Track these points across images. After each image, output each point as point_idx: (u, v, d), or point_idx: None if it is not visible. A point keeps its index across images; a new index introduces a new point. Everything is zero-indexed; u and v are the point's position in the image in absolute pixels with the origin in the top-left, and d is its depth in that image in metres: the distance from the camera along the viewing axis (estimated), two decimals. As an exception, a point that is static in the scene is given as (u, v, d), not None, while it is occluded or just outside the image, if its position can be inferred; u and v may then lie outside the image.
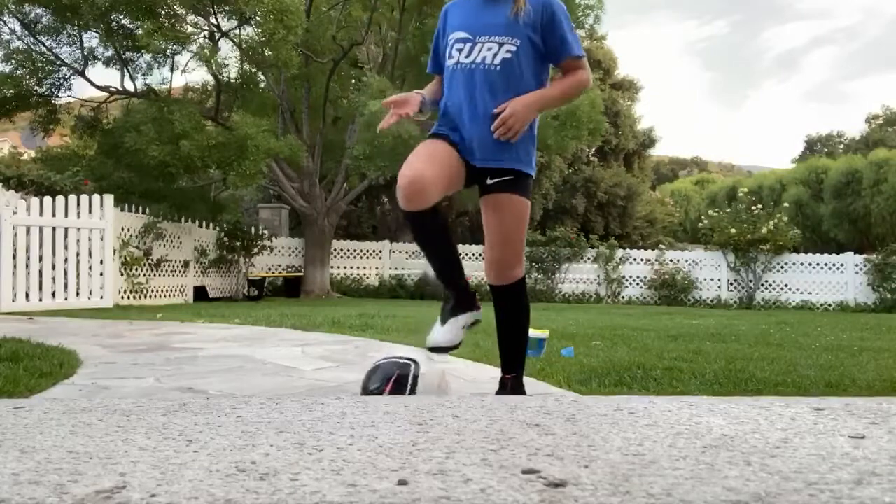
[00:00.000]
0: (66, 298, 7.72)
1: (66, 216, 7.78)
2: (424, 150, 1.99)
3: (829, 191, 21.46)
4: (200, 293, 10.93)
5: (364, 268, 14.32)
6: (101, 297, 8.17)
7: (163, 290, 9.99)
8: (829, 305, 13.32)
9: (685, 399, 1.91)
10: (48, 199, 7.64)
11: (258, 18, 10.35)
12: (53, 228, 7.61)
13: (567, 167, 21.27)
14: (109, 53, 11.81)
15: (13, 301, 7.13)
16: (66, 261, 7.77)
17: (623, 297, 13.82)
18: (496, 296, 2.15)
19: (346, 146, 12.02)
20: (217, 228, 11.70)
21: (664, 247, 15.99)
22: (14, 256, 7.18)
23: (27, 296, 7.33)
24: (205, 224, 11.47)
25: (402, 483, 1.04)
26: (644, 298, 13.76)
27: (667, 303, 13.41)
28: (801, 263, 13.72)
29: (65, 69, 11.53)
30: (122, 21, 11.13)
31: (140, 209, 9.73)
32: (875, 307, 12.93)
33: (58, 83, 11.57)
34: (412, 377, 2.12)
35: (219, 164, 10.26)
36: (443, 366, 3.25)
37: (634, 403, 1.81)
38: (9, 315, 6.46)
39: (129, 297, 9.06)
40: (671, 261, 13.99)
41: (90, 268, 8.09)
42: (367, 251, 14.50)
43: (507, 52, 1.90)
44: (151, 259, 9.64)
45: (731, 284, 13.78)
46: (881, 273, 13.13)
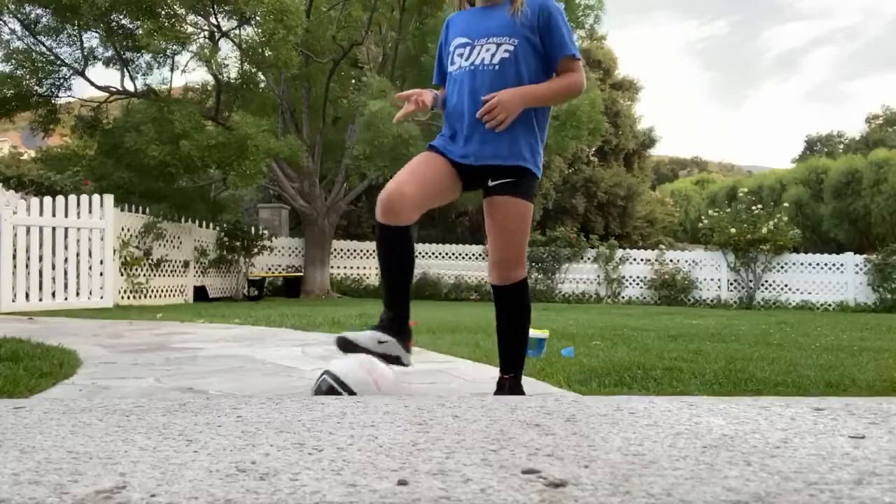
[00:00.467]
0: (66, 298, 7.72)
1: (66, 216, 7.78)
2: (413, 166, 2.01)
3: (829, 191, 21.46)
4: (200, 293, 10.94)
5: (364, 268, 14.32)
6: (101, 297, 8.17)
7: (163, 290, 9.99)
8: (829, 305, 13.32)
9: (685, 399, 1.91)
10: (48, 199, 7.64)
11: (258, 18, 10.35)
12: (53, 228, 7.61)
13: (567, 167, 21.26)
14: (109, 53, 11.82)
15: (13, 301, 7.13)
16: (66, 261, 7.77)
17: (623, 297, 13.83)
18: (498, 296, 2.17)
19: (346, 146, 12.02)
20: (217, 228, 11.71)
21: (664, 247, 15.99)
22: (14, 256, 7.18)
23: (27, 296, 7.33)
24: (205, 224, 11.48)
25: (402, 483, 1.04)
26: (644, 298, 13.76)
27: (667, 303, 13.41)
28: (801, 263, 13.72)
29: (65, 69, 11.53)
30: (122, 21, 11.13)
31: (140, 209, 9.73)
32: (875, 307, 12.93)
33: (58, 83, 11.57)
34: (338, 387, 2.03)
35: (219, 164, 10.26)
36: (438, 366, 3.25)
37: (634, 403, 1.81)
38: (9, 315, 6.45)
39: (129, 297, 9.05)
40: (671, 261, 13.99)
41: (90, 268, 8.09)
42: (367, 251, 14.50)
43: (506, 52, 1.92)
44: (151, 259, 9.64)
45: (731, 284, 13.78)
46: (881, 273, 13.13)
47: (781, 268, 13.68)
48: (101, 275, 8.23)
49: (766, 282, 13.66)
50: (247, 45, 11.01)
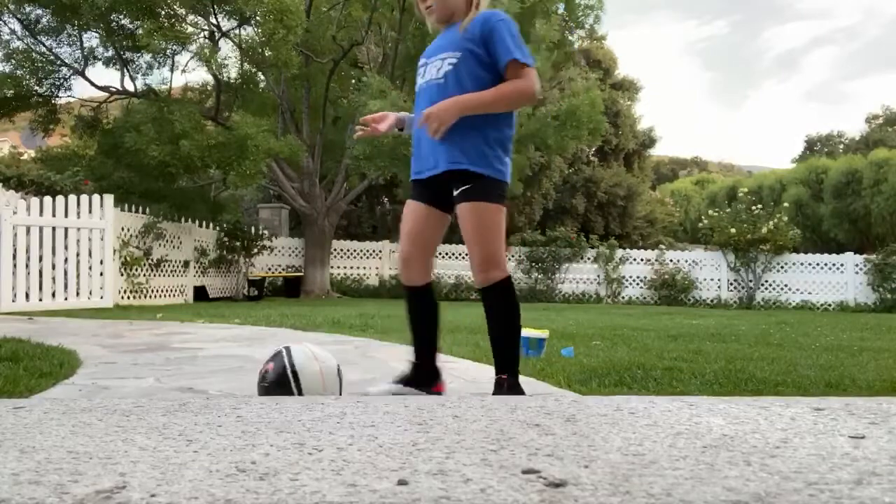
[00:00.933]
0: (66, 298, 7.72)
1: (66, 216, 7.78)
2: (405, 230, 2.24)
3: (829, 191, 21.45)
4: (200, 293, 10.94)
5: (364, 268, 14.32)
6: (101, 297, 8.17)
7: (163, 290, 9.99)
8: (829, 305, 13.32)
9: (685, 399, 1.91)
10: (48, 199, 7.64)
11: (258, 18, 10.36)
12: (53, 228, 7.61)
13: (567, 167, 21.26)
14: (109, 53, 11.82)
15: (13, 301, 7.13)
16: (66, 261, 7.77)
17: (623, 297, 13.83)
18: (482, 297, 2.22)
19: (346, 146, 12.02)
20: (217, 228, 11.71)
21: (664, 247, 15.99)
22: (14, 256, 7.18)
23: (27, 296, 7.33)
24: (205, 224, 11.48)
25: (402, 483, 1.04)
26: (644, 298, 13.76)
27: (667, 303, 13.41)
28: (801, 263, 13.72)
29: (65, 69, 11.53)
30: (122, 21, 11.13)
31: (140, 209, 9.73)
32: (875, 307, 12.93)
33: (58, 83, 11.58)
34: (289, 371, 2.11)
35: (219, 164, 10.26)
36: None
37: (634, 403, 1.81)
38: (9, 315, 6.45)
39: (129, 297, 9.06)
40: (671, 261, 13.99)
41: (90, 268, 8.09)
42: (367, 251, 14.50)
43: (449, 65, 2.05)
44: (151, 259, 9.64)
45: (731, 284, 13.78)
46: (881, 273, 13.13)
47: (781, 268, 13.69)
48: (101, 275, 8.23)
49: (766, 282, 13.66)
50: (247, 45, 11.01)
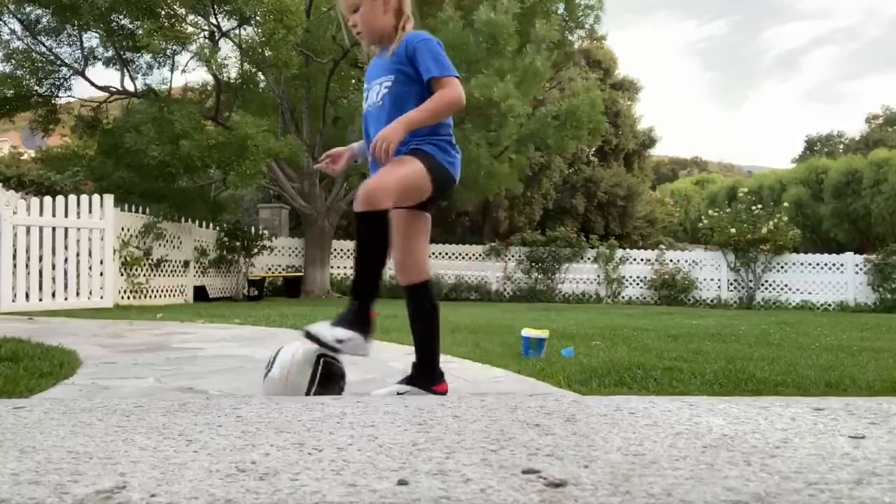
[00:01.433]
0: (66, 298, 7.72)
1: (66, 216, 7.78)
2: (395, 235, 2.36)
3: (829, 191, 21.46)
4: (200, 293, 10.94)
5: (364, 268, 14.29)
6: (101, 297, 8.17)
7: (163, 290, 9.99)
8: (829, 305, 13.33)
9: (685, 399, 1.91)
10: (48, 199, 7.64)
11: (258, 18, 10.36)
12: (53, 228, 7.61)
13: (567, 167, 21.27)
14: (109, 53, 11.82)
15: (13, 301, 7.13)
16: (66, 261, 7.77)
17: (623, 297, 13.83)
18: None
19: (346, 146, 12.01)
20: (217, 228, 11.70)
21: (664, 247, 15.99)
22: (14, 256, 7.18)
23: (27, 296, 7.32)
24: (205, 224, 11.47)
25: (402, 483, 1.04)
26: (644, 298, 13.76)
27: (667, 303, 13.41)
28: (801, 263, 13.72)
29: (65, 69, 11.54)
30: (122, 21, 11.14)
31: (140, 209, 9.73)
32: (875, 307, 12.93)
33: (58, 83, 11.58)
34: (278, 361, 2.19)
35: (219, 164, 10.27)
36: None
37: (634, 403, 1.81)
38: (9, 315, 6.45)
39: (129, 297, 9.06)
40: (671, 261, 13.99)
41: (90, 268, 8.08)
42: (367, 251, 14.47)
43: (385, 88, 2.23)
44: (151, 259, 9.64)
45: (731, 284, 13.78)
46: (881, 273, 13.13)
47: (781, 268, 13.69)
48: (101, 275, 8.22)
49: (766, 282, 13.66)
50: (247, 45, 11.01)
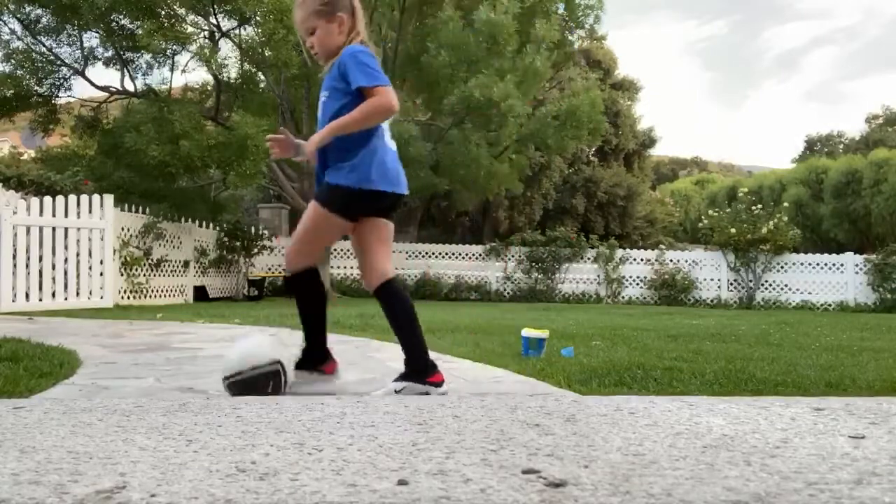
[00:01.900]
0: (66, 298, 7.72)
1: (66, 216, 7.78)
2: (354, 248, 2.65)
3: (829, 191, 21.46)
4: (200, 293, 10.93)
5: (364, 268, 14.30)
6: (101, 297, 8.17)
7: (163, 290, 9.99)
8: (829, 305, 13.33)
9: (685, 399, 1.92)
10: (48, 199, 7.64)
11: (258, 18, 10.35)
12: (53, 228, 7.61)
13: (567, 167, 21.27)
14: (109, 53, 11.81)
15: (13, 301, 7.13)
16: (66, 261, 7.77)
17: (623, 297, 13.83)
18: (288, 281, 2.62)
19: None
20: (217, 228, 11.70)
21: (664, 247, 15.99)
22: (14, 256, 7.18)
23: (27, 296, 7.32)
24: (205, 224, 11.47)
25: (402, 483, 1.04)
26: (644, 298, 13.76)
27: (667, 303, 13.41)
28: (801, 263, 13.72)
29: (65, 69, 11.53)
30: (122, 21, 11.13)
31: (140, 209, 9.73)
32: (875, 307, 12.93)
33: (58, 83, 11.57)
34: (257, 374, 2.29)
35: (219, 164, 10.26)
36: (438, 366, 3.26)
37: (634, 403, 1.81)
38: (9, 315, 6.45)
39: (129, 297, 9.05)
40: (671, 261, 13.99)
41: (90, 268, 8.08)
42: (367, 251, 14.48)
43: (323, 100, 2.43)
44: (151, 259, 9.64)
45: (731, 284, 13.78)
46: (881, 273, 13.13)
47: (781, 268, 13.69)
48: (101, 275, 8.22)
49: (766, 282, 13.66)
50: (247, 45, 11.01)
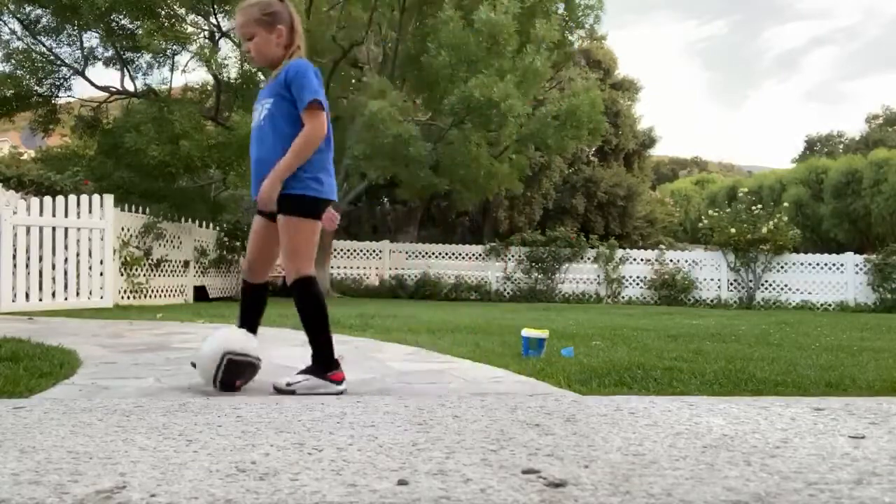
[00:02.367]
0: (66, 298, 7.71)
1: (66, 216, 7.77)
2: (251, 235, 2.67)
3: (829, 191, 21.45)
4: (200, 293, 10.93)
5: (364, 268, 14.32)
6: (101, 297, 8.16)
7: (163, 290, 9.98)
8: (829, 305, 13.32)
9: (685, 399, 1.92)
10: (48, 199, 7.63)
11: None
12: (53, 228, 7.61)
13: (567, 167, 21.26)
14: (109, 53, 11.81)
15: (13, 301, 7.13)
16: (66, 261, 7.77)
17: (623, 297, 13.83)
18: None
19: (346, 146, 12.03)
20: (217, 228, 11.70)
21: (664, 247, 15.99)
22: (14, 256, 7.18)
23: (27, 296, 7.32)
24: (205, 224, 11.47)
25: (402, 483, 1.04)
26: (644, 298, 13.76)
27: (667, 303, 13.41)
28: (801, 263, 13.72)
29: (65, 69, 11.53)
30: (122, 21, 11.12)
31: (140, 209, 9.72)
32: (875, 307, 12.93)
33: (58, 83, 11.57)
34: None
35: (219, 164, 10.27)
36: (438, 366, 3.26)
37: (634, 403, 1.81)
38: (9, 315, 6.45)
39: (129, 297, 9.05)
40: (671, 261, 13.99)
41: (90, 268, 8.08)
42: (367, 251, 14.50)
43: (266, 110, 2.47)
44: (151, 259, 9.64)
45: (731, 284, 13.78)
46: (881, 273, 13.13)
47: (781, 268, 13.68)
48: (101, 275, 8.22)
49: (766, 282, 13.66)
50: (247, 45, 10.97)
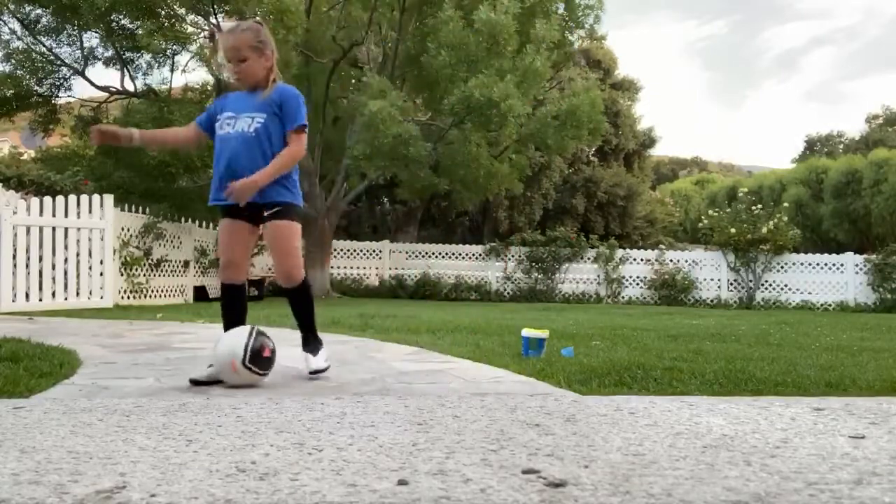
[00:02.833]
0: (66, 298, 7.72)
1: (66, 216, 7.78)
2: (223, 239, 2.83)
3: (829, 191, 21.45)
4: (200, 293, 10.93)
5: (364, 268, 14.32)
6: (101, 297, 8.17)
7: (163, 290, 9.98)
8: (829, 305, 13.32)
9: (685, 399, 1.92)
10: (48, 199, 7.63)
11: (258, 18, 10.34)
12: (53, 228, 7.61)
13: (567, 167, 21.25)
14: (109, 53, 11.82)
15: (13, 301, 7.13)
16: (66, 261, 7.77)
17: (623, 297, 13.82)
18: (288, 294, 2.88)
19: (346, 146, 12.03)
20: (217, 228, 11.70)
21: (664, 247, 15.99)
22: (14, 256, 7.18)
23: (27, 296, 7.32)
24: (205, 224, 11.47)
25: (402, 483, 1.04)
26: (644, 298, 13.76)
27: (667, 303, 13.41)
28: (801, 263, 13.71)
29: (65, 69, 11.53)
30: (122, 21, 11.13)
31: (140, 209, 9.73)
32: (875, 307, 12.93)
33: (58, 83, 11.57)
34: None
35: (219, 164, 10.25)
36: (438, 366, 3.26)
37: (634, 403, 1.81)
38: (9, 315, 6.45)
39: (129, 297, 9.05)
40: (671, 261, 13.99)
41: (90, 268, 8.08)
42: (367, 251, 14.50)
43: (258, 123, 2.70)
44: (151, 259, 9.64)
45: (731, 284, 13.78)
46: (881, 273, 13.12)
47: (781, 268, 13.68)
48: (101, 275, 8.22)
49: (766, 282, 13.65)
50: (247, 45, 10.97)
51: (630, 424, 1.51)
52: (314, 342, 2.91)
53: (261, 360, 2.56)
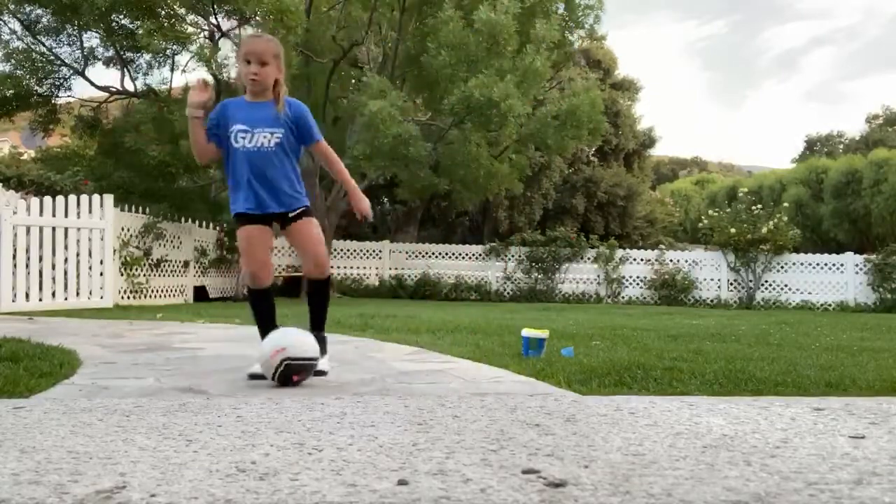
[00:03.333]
0: (66, 298, 7.72)
1: (66, 216, 7.78)
2: (251, 245, 2.97)
3: (829, 191, 21.44)
4: (200, 293, 10.93)
5: (364, 268, 14.32)
6: (101, 297, 8.17)
7: (163, 290, 9.99)
8: (829, 305, 13.32)
9: (685, 399, 1.92)
10: (48, 199, 7.63)
11: (258, 18, 10.35)
12: (53, 228, 7.61)
13: (567, 167, 21.25)
14: (109, 53, 11.80)
15: (13, 301, 7.13)
16: (66, 261, 7.77)
17: (623, 297, 13.82)
18: (314, 286, 3.08)
19: (346, 146, 12.03)
20: (217, 228, 11.70)
21: (664, 247, 15.98)
22: (14, 256, 7.18)
23: (27, 296, 7.32)
24: (205, 224, 11.47)
25: (402, 483, 1.04)
26: (644, 298, 13.76)
27: (667, 303, 13.41)
28: (801, 263, 13.71)
29: (65, 69, 11.52)
30: (122, 21, 11.12)
31: (140, 209, 9.72)
32: (875, 307, 12.93)
33: (58, 83, 11.56)
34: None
35: (219, 164, 10.24)
36: (438, 366, 3.26)
37: (634, 403, 1.81)
38: (9, 315, 6.45)
39: (129, 297, 9.05)
40: (671, 261, 13.99)
41: (90, 268, 8.08)
42: (367, 251, 14.50)
43: (278, 138, 2.82)
44: (151, 259, 9.64)
45: (731, 284, 13.78)
46: (881, 273, 13.12)
47: (781, 268, 13.68)
48: (101, 275, 8.22)
49: (766, 282, 13.65)
50: (247, 45, 10.97)
51: (630, 424, 1.51)
52: (322, 343, 2.97)
53: (289, 383, 2.71)
